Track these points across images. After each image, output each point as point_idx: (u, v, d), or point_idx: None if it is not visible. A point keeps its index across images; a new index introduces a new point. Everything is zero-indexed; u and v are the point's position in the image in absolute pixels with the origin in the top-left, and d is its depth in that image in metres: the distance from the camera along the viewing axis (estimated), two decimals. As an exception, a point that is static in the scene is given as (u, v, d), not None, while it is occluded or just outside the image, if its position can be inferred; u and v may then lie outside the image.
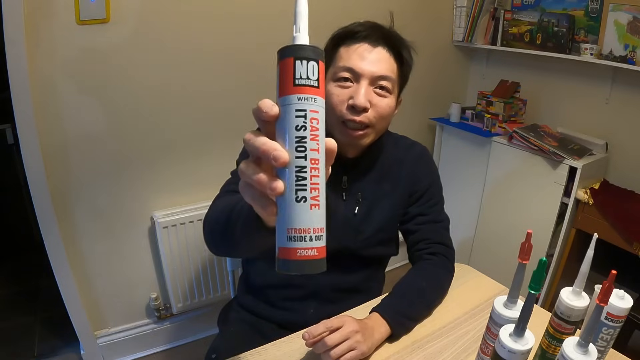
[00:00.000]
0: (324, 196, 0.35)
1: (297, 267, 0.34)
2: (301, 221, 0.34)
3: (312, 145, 0.34)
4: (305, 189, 0.34)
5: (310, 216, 0.34)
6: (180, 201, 1.56)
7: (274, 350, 0.72)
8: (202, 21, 1.42)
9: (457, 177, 2.12)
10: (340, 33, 0.83)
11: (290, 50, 0.34)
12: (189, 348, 1.73)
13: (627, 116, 1.72)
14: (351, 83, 0.80)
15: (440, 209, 0.95)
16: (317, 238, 0.35)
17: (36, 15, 1.14)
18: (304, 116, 0.34)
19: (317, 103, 0.34)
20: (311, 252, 0.34)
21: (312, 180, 0.34)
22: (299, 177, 0.34)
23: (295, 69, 0.34)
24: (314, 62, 0.34)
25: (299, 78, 0.34)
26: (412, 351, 0.73)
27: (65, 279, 1.39)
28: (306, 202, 0.34)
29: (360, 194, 0.89)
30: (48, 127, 1.26)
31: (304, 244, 0.34)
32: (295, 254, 0.34)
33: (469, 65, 2.33)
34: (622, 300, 0.58)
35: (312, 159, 0.34)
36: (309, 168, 0.34)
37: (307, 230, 0.34)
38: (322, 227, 0.35)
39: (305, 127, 0.34)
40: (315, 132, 0.34)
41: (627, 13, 1.58)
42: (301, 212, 0.34)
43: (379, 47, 0.81)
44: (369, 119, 0.80)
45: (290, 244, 0.34)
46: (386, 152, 0.92)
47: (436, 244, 0.90)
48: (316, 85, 0.34)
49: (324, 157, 0.35)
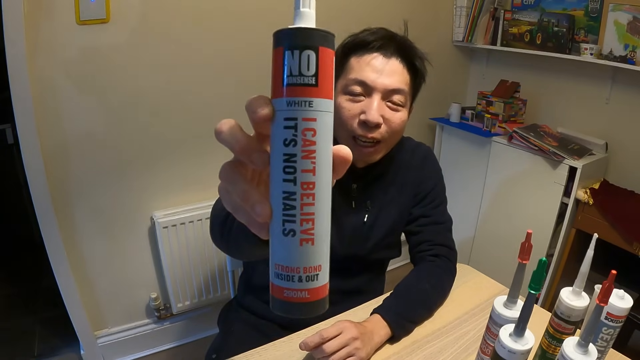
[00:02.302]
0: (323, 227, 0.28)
1: (285, 309, 0.28)
2: (288, 259, 0.28)
3: (304, 166, 0.26)
4: (293, 220, 0.27)
5: (299, 253, 0.27)
6: (180, 201, 1.56)
7: (274, 350, 0.72)
8: (202, 21, 1.42)
9: (457, 177, 2.12)
10: (351, 42, 0.79)
11: (281, 36, 0.26)
12: (189, 348, 1.73)
13: (627, 116, 1.72)
14: (363, 97, 0.77)
15: (443, 209, 0.94)
16: (310, 278, 0.28)
17: (36, 15, 1.14)
18: (293, 127, 0.26)
19: (314, 107, 0.26)
20: (300, 295, 0.28)
21: (303, 209, 0.27)
22: (286, 205, 0.27)
23: (285, 63, 0.26)
24: (311, 52, 0.26)
25: (290, 75, 0.26)
26: (412, 351, 0.73)
27: (65, 279, 1.39)
28: (295, 237, 0.27)
29: (369, 202, 0.88)
30: (48, 127, 1.26)
31: (292, 284, 0.28)
32: (282, 294, 0.28)
33: (469, 65, 2.33)
34: (622, 300, 0.58)
35: (304, 182, 0.27)
36: (299, 195, 0.27)
37: (296, 269, 0.28)
38: (319, 264, 0.28)
39: (295, 141, 0.26)
40: (309, 147, 0.26)
41: (627, 13, 1.58)
42: (288, 247, 0.27)
43: (392, 59, 0.77)
44: (382, 134, 0.77)
45: (277, 282, 0.28)
46: (394, 158, 0.91)
47: (439, 246, 0.89)
48: (313, 84, 0.26)
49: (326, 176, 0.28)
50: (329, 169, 0.28)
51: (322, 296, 0.29)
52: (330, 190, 0.28)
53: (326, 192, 0.28)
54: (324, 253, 0.29)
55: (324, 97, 0.27)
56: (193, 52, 1.43)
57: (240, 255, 0.62)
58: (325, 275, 0.29)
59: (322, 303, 0.29)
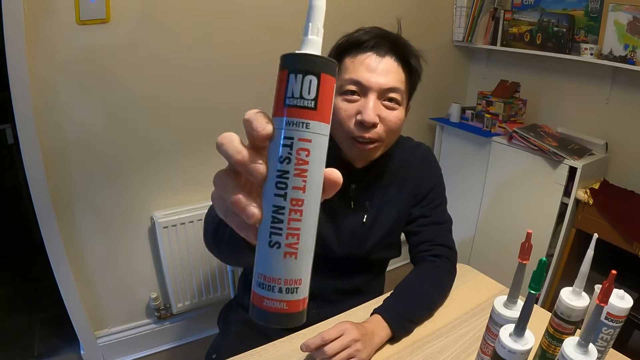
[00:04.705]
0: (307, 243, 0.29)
1: (262, 317, 0.30)
2: (271, 269, 0.29)
3: (295, 183, 0.28)
4: (280, 233, 0.28)
5: (282, 265, 0.29)
6: (180, 201, 1.56)
7: (273, 350, 0.72)
8: (203, 21, 1.42)
9: (457, 177, 2.12)
10: (345, 42, 0.78)
11: (286, 60, 0.28)
12: (189, 348, 1.73)
13: (627, 116, 1.72)
14: (358, 97, 0.76)
15: (443, 210, 0.94)
16: (290, 290, 0.29)
17: (36, 15, 1.14)
18: (289, 145, 0.28)
19: (310, 129, 0.28)
20: (279, 305, 0.29)
21: (289, 224, 0.28)
22: (275, 218, 0.28)
23: (288, 85, 0.28)
24: (313, 77, 0.28)
25: (290, 97, 0.28)
26: (412, 351, 0.73)
27: (65, 279, 1.39)
28: (279, 249, 0.29)
29: (368, 202, 0.88)
30: (48, 127, 1.26)
31: (272, 294, 0.29)
32: (262, 303, 0.29)
33: (469, 65, 2.33)
34: (622, 300, 0.58)
35: (294, 199, 0.28)
36: (288, 210, 0.28)
37: (277, 280, 0.29)
38: (299, 278, 0.29)
39: (289, 159, 0.28)
40: (302, 166, 0.28)
41: (627, 13, 1.58)
42: (272, 258, 0.29)
43: (386, 57, 0.76)
44: (379, 134, 0.77)
45: (257, 290, 0.30)
46: (392, 157, 0.91)
47: (439, 246, 0.89)
48: (312, 107, 0.28)
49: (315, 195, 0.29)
50: (318, 189, 0.29)
51: (299, 309, 0.30)
52: (317, 209, 0.30)
53: (313, 211, 0.29)
54: (306, 268, 0.30)
55: (321, 121, 0.28)
56: (193, 52, 1.43)
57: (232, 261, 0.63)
58: (305, 289, 0.30)
59: (300, 316, 0.30)
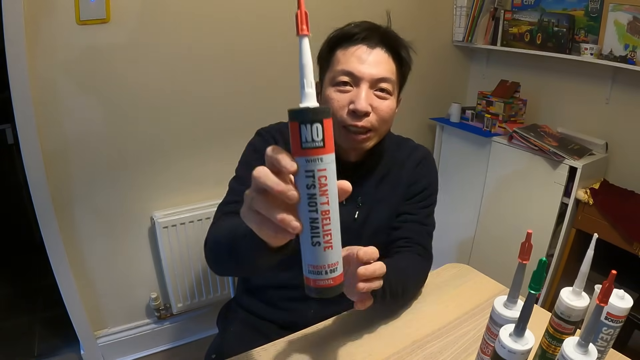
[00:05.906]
0: (337, 237, 0.41)
1: (317, 293, 0.42)
2: (317, 260, 0.41)
3: (322, 200, 0.39)
4: (318, 236, 0.40)
5: (324, 256, 0.41)
6: (180, 201, 1.56)
7: (273, 350, 0.72)
8: (202, 21, 1.42)
9: (457, 177, 2.11)
10: (337, 35, 0.81)
11: (295, 114, 0.38)
12: (189, 348, 1.73)
13: (627, 116, 1.72)
14: (350, 87, 0.78)
15: (429, 212, 0.93)
16: (332, 271, 0.41)
17: (36, 15, 1.14)
18: (312, 176, 0.38)
19: (324, 161, 0.38)
20: (327, 282, 0.42)
21: (324, 228, 0.40)
22: (313, 227, 0.40)
23: (301, 133, 0.37)
24: (318, 124, 0.37)
25: (305, 142, 0.37)
26: (412, 351, 0.73)
27: (65, 279, 1.39)
28: (320, 246, 0.40)
29: (360, 198, 0.88)
30: (48, 127, 1.26)
31: (321, 276, 0.41)
32: (315, 283, 0.42)
33: (469, 65, 2.33)
34: (622, 300, 0.58)
35: (323, 211, 0.40)
36: (321, 219, 0.40)
37: (323, 267, 0.41)
38: (336, 261, 0.42)
39: (314, 185, 0.38)
40: (324, 187, 0.39)
41: (627, 13, 1.58)
42: (316, 253, 0.41)
43: (377, 49, 0.79)
44: (371, 123, 0.79)
45: (310, 276, 0.42)
46: (388, 155, 0.91)
47: (417, 245, 0.87)
48: (321, 146, 0.38)
49: (335, 202, 0.40)
50: (336, 199, 0.41)
51: (340, 281, 0.43)
52: (338, 212, 0.41)
53: (336, 214, 0.41)
54: (339, 253, 0.42)
55: (330, 153, 0.39)
56: (193, 52, 1.43)
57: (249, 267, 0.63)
58: (341, 267, 0.43)
59: (341, 286, 0.43)
